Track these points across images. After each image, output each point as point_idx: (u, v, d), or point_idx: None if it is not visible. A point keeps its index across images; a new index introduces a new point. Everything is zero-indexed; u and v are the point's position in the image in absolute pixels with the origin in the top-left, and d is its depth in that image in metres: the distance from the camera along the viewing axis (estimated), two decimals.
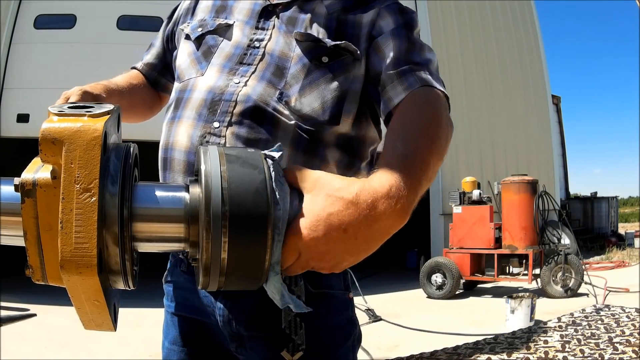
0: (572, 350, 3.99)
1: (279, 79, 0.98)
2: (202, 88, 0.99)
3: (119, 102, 1.09)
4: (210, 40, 1.05)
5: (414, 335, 5.21)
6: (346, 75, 0.99)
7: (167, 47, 1.22)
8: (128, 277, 0.66)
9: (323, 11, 1.03)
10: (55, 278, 0.64)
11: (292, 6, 1.04)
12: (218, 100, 0.96)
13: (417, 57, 0.98)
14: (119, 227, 0.63)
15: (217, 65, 1.01)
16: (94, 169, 0.61)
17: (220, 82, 0.98)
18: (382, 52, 0.99)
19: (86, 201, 0.60)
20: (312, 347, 0.95)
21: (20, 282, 2.53)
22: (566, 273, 7.06)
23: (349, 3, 1.04)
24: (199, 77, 1.02)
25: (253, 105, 0.95)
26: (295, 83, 0.97)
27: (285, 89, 0.97)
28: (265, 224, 0.64)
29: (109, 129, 0.65)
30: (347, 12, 1.03)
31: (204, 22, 1.08)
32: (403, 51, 0.98)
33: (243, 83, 0.97)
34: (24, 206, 0.63)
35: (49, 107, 0.66)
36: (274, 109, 0.95)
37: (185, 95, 1.02)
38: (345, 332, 1.01)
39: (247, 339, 0.97)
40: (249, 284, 0.69)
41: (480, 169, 10.67)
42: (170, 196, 0.69)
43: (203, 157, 0.68)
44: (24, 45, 8.78)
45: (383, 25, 1.01)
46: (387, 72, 0.97)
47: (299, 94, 0.97)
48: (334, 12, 1.03)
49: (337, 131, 0.99)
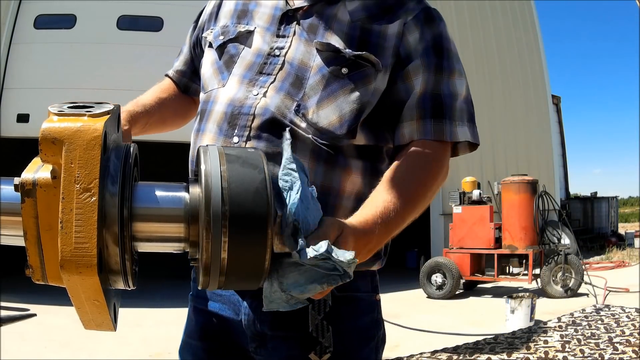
0: (572, 350, 3.99)
1: (298, 89, 0.97)
2: (223, 100, 1.00)
3: (149, 121, 1.12)
4: (232, 49, 1.05)
5: (414, 335, 5.21)
6: (367, 87, 0.98)
7: (194, 53, 1.22)
8: (128, 277, 0.66)
9: (346, 18, 1.01)
10: (55, 278, 0.64)
11: (313, 11, 1.03)
12: (237, 113, 0.97)
13: (446, 87, 1.00)
14: (119, 227, 0.63)
15: (238, 76, 1.02)
16: (94, 169, 0.61)
17: (239, 94, 0.99)
18: (411, 82, 1.00)
19: (86, 201, 0.60)
20: (338, 349, 0.97)
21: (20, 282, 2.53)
22: (566, 273, 7.06)
23: (375, 11, 1.02)
24: (221, 89, 1.03)
25: (270, 118, 0.95)
26: (314, 94, 0.97)
27: (303, 100, 0.97)
28: (265, 223, 0.64)
29: (109, 128, 0.65)
30: (372, 21, 1.01)
31: (225, 29, 1.08)
32: (431, 84, 0.99)
33: (262, 94, 0.97)
34: (24, 206, 0.63)
35: (49, 107, 0.66)
36: (291, 121, 0.95)
37: (208, 107, 1.03)
38: (369, 333, 1.03)
39: (270, 339, 0.98)
40: (249, 284, 0.69)
41: (480, 169, 10.67)
42: (170, 196, 0.69)
43: (203, 157, 0.68)
44: (24, 45, 8.77)
45: (412, 42, 1.01)
46: (410, 105, 0.99)
47: (317, 106, 0.96)
48: (358, 20, 1.01)
49: (354, 143, 0.99)
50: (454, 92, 1.01)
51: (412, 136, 0.98)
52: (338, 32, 1.00)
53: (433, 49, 1.01)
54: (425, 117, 0.98)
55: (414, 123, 0.98)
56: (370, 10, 1.02)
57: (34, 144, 0.62)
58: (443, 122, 0.98)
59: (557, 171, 14.33)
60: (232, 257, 0.64)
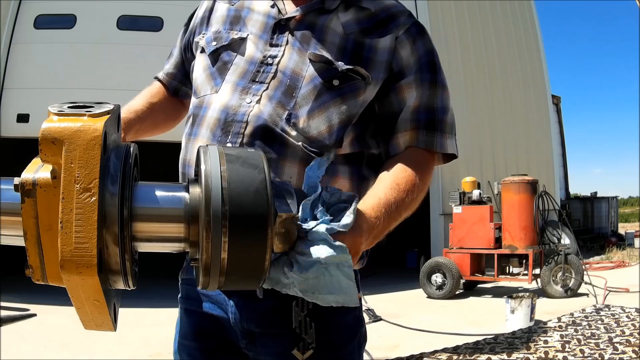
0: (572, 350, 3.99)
1: (289, 99, 1.00)
2: (216, 106, 1.02)
3: (141, 127, 1.14)
4: (225, 55, 1.06)
5: (414, 335, 5.21)
6: (356, 99, 1.01)
7: (185, 57, 1.23)
8: (128, 277, 0.66)
9: (339, 30, 1.04)
10: (55, 278, 0.64)
11: (306, 21, 1.05)
12: (231, 120, 0.99)
13: (439, 101, 1.06)
14: (119, 227, 0.63)
15: (231, 83, 1.03)
16: (94, 169, 0.61)
17: (233, 102, 1.01)
18: (404, 95, 1.04)
19: (86, 201, 0.60)
20: (321, 345, 0.99)
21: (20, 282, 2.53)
22: (566, 273, 7.06)
23: (367, 25, 1.05)
24: (214, 95, 1.04)
25: (263, 126, 0.98)
26: (305, 104, 1.00)
27: (295, 109, 0.99)
28: (265, 223, 0.64)
29: (109, 128, 0.65)
30: (365, 34, 1.04)
31: (218, 35, 1.09)
32: (425, 99, 1.04)
33: (255, 102, 0.99)
34: (24, 206, 0.63)
35: (49, 107, 0.66)
36: (282, 129, 0.98)
37: (201, 112, 1.04)
38: (352, 330, 1.06)
39: (257, 336, 1.01)
40: (249, 284, 0.69)
41: (480, 169, 10.67)
42: (170, 196, 0.68)
43: (203, 157, 0.68)
44: (24, 45, 8.77)
45: (404, 56, 1.05)
46: (404, 117, 1.04)
47: (308, 115, 0.99)
48: (351, 33, 1.04)
49: (341, 152, 1.02)
50: (446, 106, 1.07)
51: (406, 145, 1.04)
52: (331, 43, 1.03)
53: (427, 65, 1.06)
54: (419, 128, 1.04)
55: (408, 134, 1.04)
56: (362, 23, 1.05)
57: (34, 144, 0.62)
58: (435, 134, 1.04)
59: (557, 171, 14.33)
60: (232, 257, 0.64)
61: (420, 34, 1.07)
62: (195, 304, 1.09)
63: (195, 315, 1.09)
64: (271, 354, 1.00)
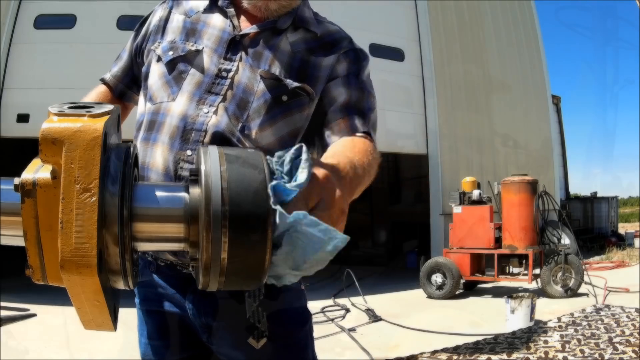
0: (572, 350, 3.99)
1: (242, 111, 1.07)
2: (174, 114, 1.07)
3: None
4: (181, 65, 1.10)
5: (414, 335, 5.21)
6: (302, 113, 1.10)
7: (135, 61, 1.24)
8: (128, 277, 0.66)
9: (288, 49, 1.12)
10: (55, 278, 0.64)
11: (259, 39, 1.11)
12: (190, 129, 1.05)
13: (366, 103, 1.13)
14: (119, 227, 0.63)
15: (188, 93, 1.08)
16: (94, 169, 0.61)
17: (191, 111, 1.06)
18: (333, 94, 1.11)
19: (86, 201, 0.60)
20: (274, 332, 1.07)
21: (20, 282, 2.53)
22: (566, 273, 7.05)
23: (313, 45, 1.13)
24: (171, 102, 1.08)
25: (221, 136, 1.04)
26: (257, 117, 1.07)
27: (247, 122, 1.07)
28: (265, 223, 0.64)
29: (109, 129, 0.65)
30: (311, 53, 1.13)
31: (174, 45, 1.12)
32: (354, 99, 1.12)
33: (212, 113, 1.05)
34: (24, 206, 0.63)
35: (49, 107, 0.66)
36: (238, 139, 1.06)
37: (159, 118, 1.08)
38: (302, 317, 1.15)
39: (215, 329, 1.08)
40: (249, 284, 0.69)
41: (480, 169, 10.66)
42: (170, 196, 0.69)
43: (203, 157, 0.68)
44: (24, 45, 8.77)
45: (339, 69, 1.14)
46: (333, 112, 1.10)
47: (259, 128, 1.07)
48: (299, 52, 1.12)
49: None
50: (372, 107, 1.15)
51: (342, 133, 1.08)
52: (280, 61, 1.10)
53: (356, 73, 1.15)
54: (351, 119, 1.10)
55: (341, 123, 1.09)
56: (309, 43, 1.14)
57: (34, 144, 0.62)
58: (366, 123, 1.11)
59: (557, 171, 14.32)
60: (232, 257, 0.64)
61: (357, 58, 1.16)
62: (156, 304, 1.15)
63: (157, 315, 1.15)
64: (229, 345, 1.08)
